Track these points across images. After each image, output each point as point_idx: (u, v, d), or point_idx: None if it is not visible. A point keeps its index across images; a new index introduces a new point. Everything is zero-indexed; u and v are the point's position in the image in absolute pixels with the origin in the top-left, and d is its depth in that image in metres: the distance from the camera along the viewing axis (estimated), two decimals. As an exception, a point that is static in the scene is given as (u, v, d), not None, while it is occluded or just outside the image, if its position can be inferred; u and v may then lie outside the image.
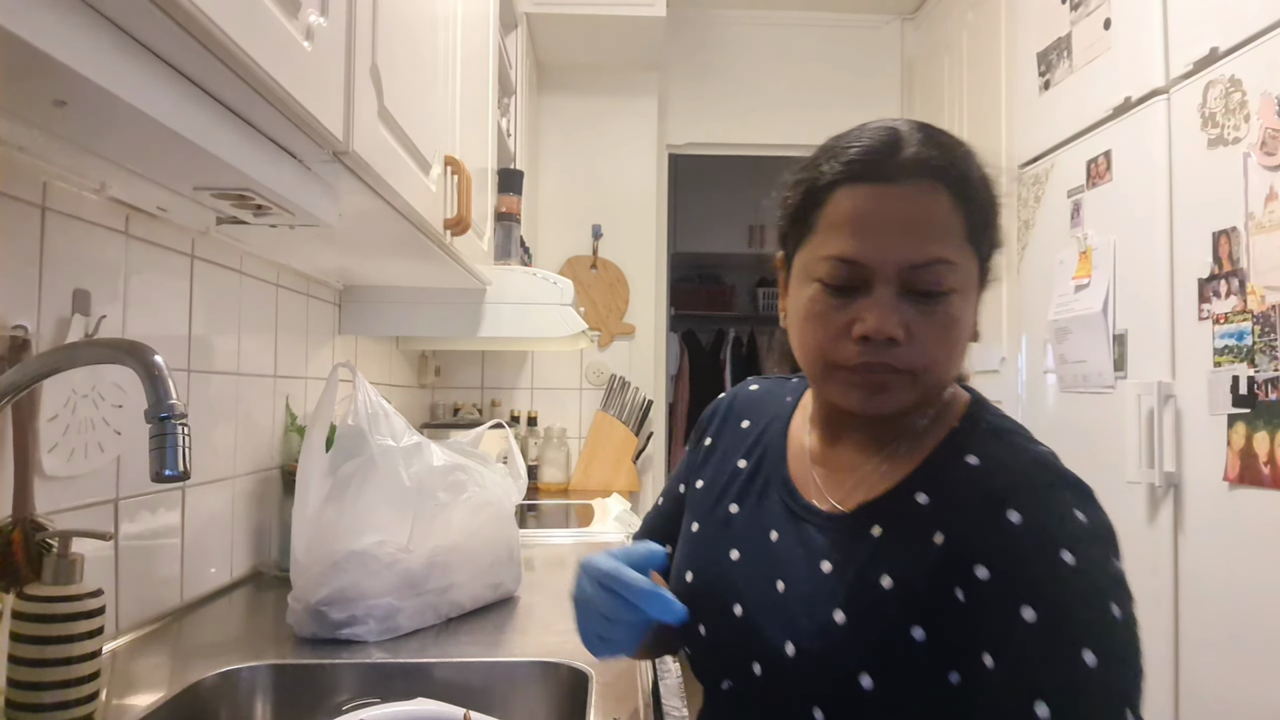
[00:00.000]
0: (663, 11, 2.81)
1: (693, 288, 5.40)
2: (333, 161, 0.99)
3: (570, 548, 1.93)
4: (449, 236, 1.53)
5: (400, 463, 1.21)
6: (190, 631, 1.21)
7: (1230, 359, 1.54)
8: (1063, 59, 2.13)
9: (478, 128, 1.88)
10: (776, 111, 3.46)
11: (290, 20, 0.81)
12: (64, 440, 1.00)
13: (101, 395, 1.07)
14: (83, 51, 0.60)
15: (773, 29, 3.49)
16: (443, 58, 1.49)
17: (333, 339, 1.98)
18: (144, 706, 0.92)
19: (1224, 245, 1.57)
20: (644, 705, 0.96)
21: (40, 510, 0.95)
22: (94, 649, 0.82)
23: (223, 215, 1.10)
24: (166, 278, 1.26)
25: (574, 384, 3.27)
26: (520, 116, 2.72)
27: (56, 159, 0.95)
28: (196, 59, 0.70)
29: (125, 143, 0.83)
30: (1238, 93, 1.55)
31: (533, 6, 2.77)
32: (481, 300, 2.09)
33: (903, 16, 3.49)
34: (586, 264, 3.31)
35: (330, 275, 1.90)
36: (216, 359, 1.41)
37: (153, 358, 0.77)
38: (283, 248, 1.51)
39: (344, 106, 0.96)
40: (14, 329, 0.94)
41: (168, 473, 0.75)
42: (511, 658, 1.11)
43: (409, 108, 1.22)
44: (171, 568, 1.29)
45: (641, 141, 3.34)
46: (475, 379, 3.22)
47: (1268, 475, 1.45)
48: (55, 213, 1.01)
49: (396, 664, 1.08)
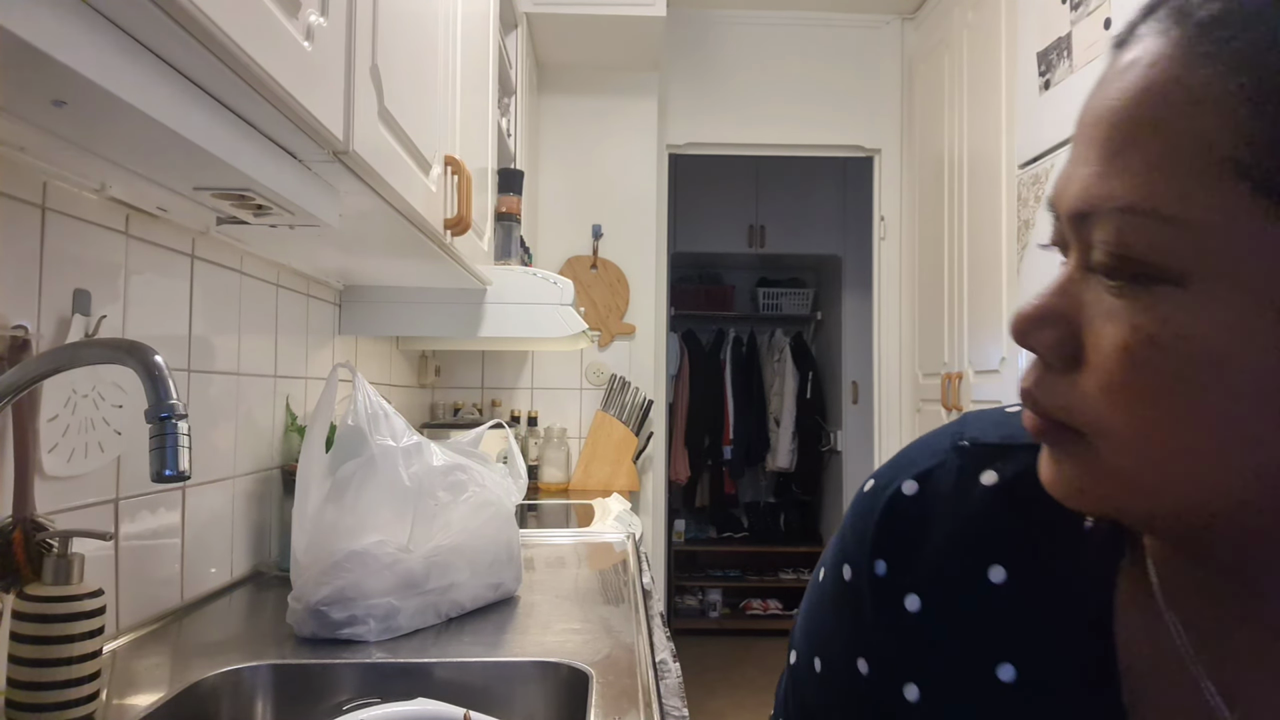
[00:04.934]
0: (663, 11, 2.81)
1: (693, 288, 5.41)
2: (333, 161, 0.99)
3: (570, 547, 1.93)
4: (449, 236, 1.53)
5: (400, 463, 1.21)
6: (190, 631, 1.21)
7: (1230, 359, 1.54)
8: (1063, 59, 2.13)
9: (478, 128, 1.88)
10: (776, 111, 3.46)
11: (290, 20, 0.81)
12: (64, 440, 1.00)
13: (102, 395, 1.07)
14: (83, 51, 0.60)
15: (773, 29, 3.49)
16: (443, 58, 1.49)
17: (333, 339, 1.98)
18: (144, 706, 0.92)
19: (1224, 245, 1.58)
20: (644, 705, 0.96)
21: (40, 510, 0.95)
22: (94, 649, 0.82)
23: (223, 215, 1.10)
24: (167, 278, 1.26)
25: (574, 384, 3.27)
26: (520, 116, 2.72)
27: (56, 159, 0.95)
28: (196, 59, 0.70)
29: (125, 143, 0.83)
30: (1238, 92, 1.55)
31: (533, 6, 2.77)
32: (481, 300, 2.09)
33: (903, 16, 3.49)
34: (586, 264, 3.31)
35: (330, 275, 1.90)
36: (217, 359, 1.41)
37: (153, 358, 0.77)
38: (283, 248, 1.52)
39: (344, 106, 0.96)
40: (14, 329, 0.94)
41: (168, 473, 0.75)
42: (511, 658, 1.11)
43: (409, 107, 1.22)
44: (171, 568, 1.29)
45: (641, 141, 3.34)
46: (475, 379, 3.22)
47: (1268, 475, 1.45)
48: (55, 213, 1.01)
49: (396, 664, 1.08)
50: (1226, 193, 0.34)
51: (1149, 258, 0.35)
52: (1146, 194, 0.35)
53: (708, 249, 5.12)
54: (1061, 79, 2.14)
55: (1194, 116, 0.34)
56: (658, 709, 1.00)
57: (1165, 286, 0.35)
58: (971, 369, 2.86)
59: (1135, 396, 0.37)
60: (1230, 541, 0.40)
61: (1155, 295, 0.36)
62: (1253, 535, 0.38)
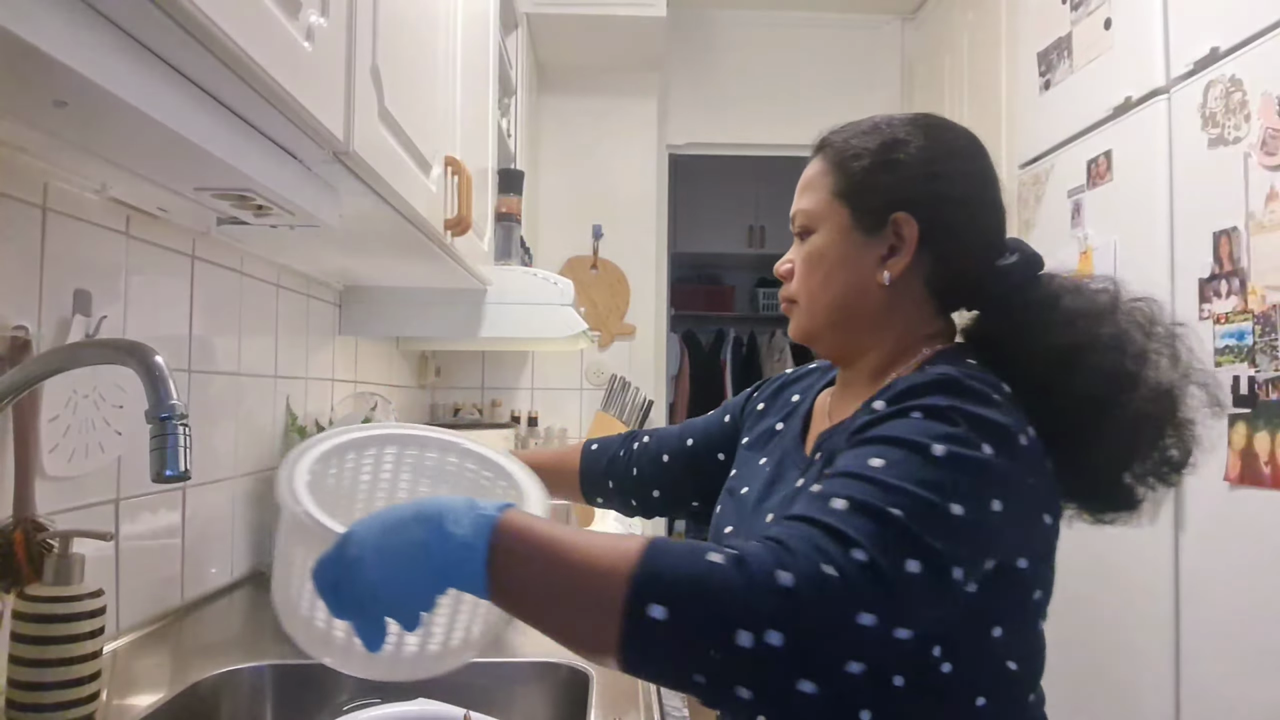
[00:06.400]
0: (663, 11, 2.81)
1: (693, 288, 5.40)
2: (333, 162, 0.99)
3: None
4: (449, 237, 1.53)
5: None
6: (190, 631, 1.21)
7: (1231, 359, 1.54)
8: (1063, 59, 2.13)
9: (478, 128, 1.88)
10: (776, 111, 3.46)
11: (291, 20, 0.81)
12: (65, 441, 1.00)
13: (102, 396, 1.07)
14: (83, 51, 0.60)
15: (773, 29, 3.49)
16: (443, 58, 1.49)
17: (333, 339, 1.98)
18: (144, 706, 0.92)
19: (1224, 245, 1.57)
20: (644, 706, 0.96)
21: (41, 511, 0.95)
22: (94, 649, 0.82)
23: (223, 216, 1.10)
24: (167, 278, 1.26)
25: (574, 384, 3.27)
26: (520, 116, 2.72)
27: (57, 159, 0.95)
28: (197, 59, 0.70)
29: (126, 143, 0.83)
30: (1238, 93, 1.55)
31: (533, 6, 2.77)
32: (482, 300, 2.09)
33: (903, 16, 3.49)
34: (586, 264, 3.31)
35: (331, 276, 1.90)
36: (217, 359, 1.41)
37: (153, 358, 0.78)
38: (283, 248, 1.52)
39: (344, 107, 0.96)
40: (15, 329, 0.94)
41: (168, 473, 0.75)
42: (511, 658, 1.11)
43: (409, 108, 1.22)
44: (172, 568, 1.29)
45: (641, 141, 3.34)
46: (475, 379, 3.22)
47: (1268, 475, 1.45)
48: (56, 213, 1.01)
49: (397, 664, 1.08)
50: (832, 202, 0.88)
51: (809, 225, 0.89)
52: (809, 205, 0.90)
53: (707, 249, 5.12)
54: (1061, 79, 2.14)
55: (824, 177, 0.89)
56: (658, 710, 1.00)
57: (811, 235, 0.89)
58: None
59: (803, 277, 0.90)
60: (833, 340, 0.90)
61: (808, 240, 0.89)
62: (837, 334, 0.89)
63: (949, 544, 0.63)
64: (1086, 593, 1.91)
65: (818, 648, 0.59)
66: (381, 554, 0.61)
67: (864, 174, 0.86)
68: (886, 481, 0.65)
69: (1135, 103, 1.84)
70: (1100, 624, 1.86)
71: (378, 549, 0.61)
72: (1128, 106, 1.86)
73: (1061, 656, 2.10)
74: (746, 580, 0.59)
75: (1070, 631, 2.02)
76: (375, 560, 0.61)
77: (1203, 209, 1.63)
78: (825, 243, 0.87)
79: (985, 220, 0.87)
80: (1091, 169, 1.99)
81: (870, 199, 0.85)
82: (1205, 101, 1.63)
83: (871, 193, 0.85)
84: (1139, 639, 1.74)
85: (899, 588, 0.61)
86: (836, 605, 0.59)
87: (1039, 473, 0.74)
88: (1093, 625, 1.88)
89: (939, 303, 0.87)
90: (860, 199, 0.86)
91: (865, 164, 0.86)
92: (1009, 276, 0.85)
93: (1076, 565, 2.03)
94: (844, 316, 0.87)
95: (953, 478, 0.66)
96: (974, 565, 0.68)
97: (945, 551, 0.63)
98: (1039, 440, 0.75)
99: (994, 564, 0.71)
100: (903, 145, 0.86)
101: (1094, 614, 1.88)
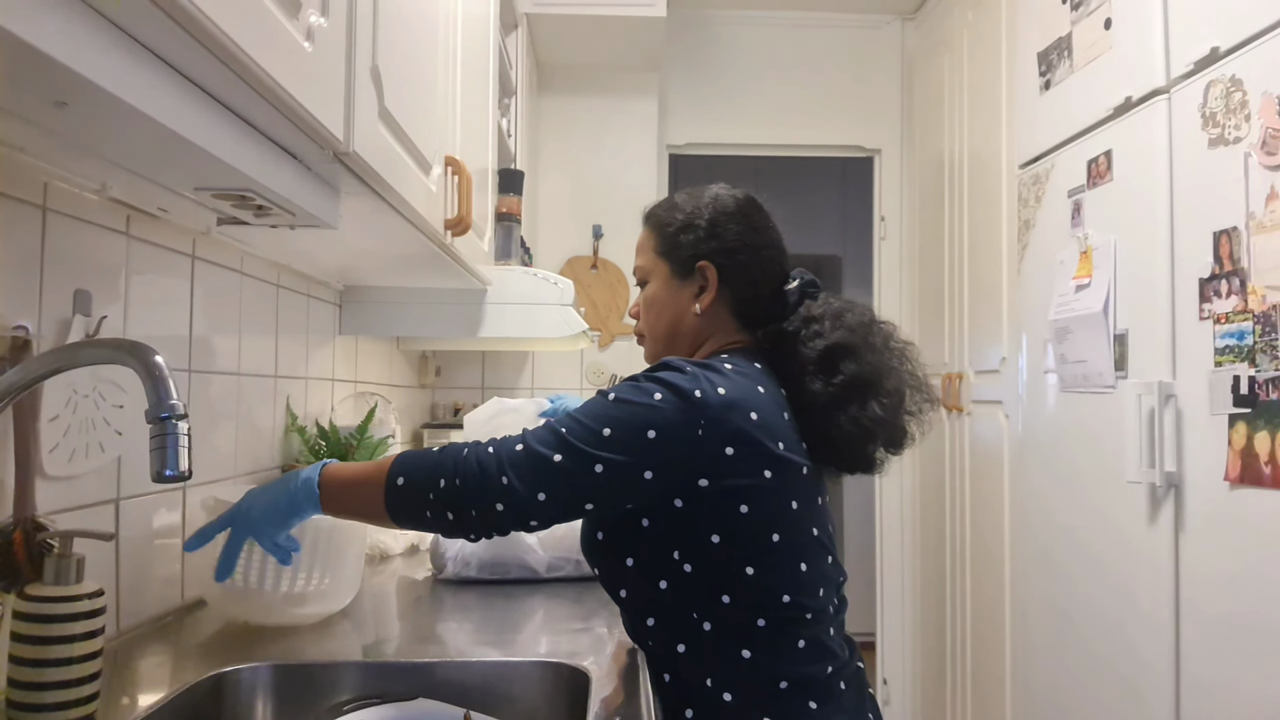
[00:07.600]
0: (663, 11, 2.81)
1: (693, 288, 5.39)
2: (333, 162, 0.99)
3: (571, 548, 1.93)
4: (449, 237, 1.53)
5: None
6: (190, 631, 1.21)
7: (1231, 359, 1.54)
8: (1063, 59, 2.13)
9: (478, 128, 1.88)
10: (776, 111, 3.46)
11: (290, 21, 0.81)
12: (65, 440, 1.00)
13: (102, 395, 1.07)
14: (83, 51, 0.60)
15: (773, 29, 3.49)
16: (443, 58, 1.49)
17: (333, 339, 1.98)
18: (144, 706, 0.92)
19: (1225, 245, 1.57)
20: (645, 706, 0.96)
21: (41, 510, 0.95)
22: (94, 649, 0.82)
23: (223, 216, 1.10)
24: (167, 278, 1.26)
25: (574, 384, 3.27)
26: (520, 116, 2.72)
27: (57, 159, 0.95)
28: (197, 59, 0.70)
29: (126, 143, 0.83)
30: (1238, 92, 1.55)
31: (533, 6, 2.76)
32: (482, 300, 2.09)
33: (903, 16, 3.49)
34: (587, 264, 3.31)
35: (331, 275, 1.90)
36: (217, 359, 1.41)
37: (153, 358, 0.78)
38: (283, 248, 1.52)
39: (344, 107, 0.96)
40: (15, 329, 0.94)
41: (168, 473, 0.75)
42: (511, 658, 1.12)
43: (409, 108, 1.22)
44: (172, 567, 1.29)
45: (641, 142, 3.33)
46: (475, 379, 3.22)
47: (1268, 475, 1.45)
48: (56, 213, 1.01)
49: (396, 664, 1.08)
50: (657, 258, 1.24)
51: (643, 277, 1.26)
52: (642, 262, 1.26)
53: (708, 249, 5.11)
54: (1062, 79, 2.14)
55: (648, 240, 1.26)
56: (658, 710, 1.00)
57: (647, 284, 1.25)
58: (972, 369, 2.86)
59: (644, 315, 1.25)
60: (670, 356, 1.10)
61: (645, 288, 1.25)
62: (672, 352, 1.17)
63: (586, 445, 0.98)
64: (1086, 593, 1.91)
65: (477, 488, 0.99)
66: (260, 495, 1.04)
67: (674, 236, 1.21)
68: (572, 412, 1.03)
69: (1135, 103, 1.84)
70: (1100, 624, 1.86)
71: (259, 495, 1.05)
72: (1128, 106, 1.86)
73: (1062, 656, 2.10)
74: (447, 456, 1.02)
75: (1070, 631, 2.02)
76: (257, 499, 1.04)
77: (1203, 209, 1.63)
78: (655, 288, 1.23)
79: (766, 258, 1.20)
80: (1091, 169, 1.99)
81: (681, 254, 1.20)
82: (1205, 101, 1.63)
83: (681, 249, 1.20)
84: (1139, 639, 1.74)
85: (531, 464, 0.99)
86: (491, 469, 0.99)
87: (719, 422, 1.00)
88: (1093, 625, 1.88)
89: (741, 321, 1.20)
90: (674, 255, 1.21)
91: (674, 229, 1.22)
92: (791, 297, 1.17)
93: (1077, 565, 2.03)
94: (674, 339, 1.22)
95: (612, 410, 1.01)
96: (615, 467, 0.99)
97: (579, 450, 0.98)
98: (739, 403, 1.02)
99: (676, 480, 1.01)
100: (698, 214, 1.20)
101: (1094, 614, 1.88)
